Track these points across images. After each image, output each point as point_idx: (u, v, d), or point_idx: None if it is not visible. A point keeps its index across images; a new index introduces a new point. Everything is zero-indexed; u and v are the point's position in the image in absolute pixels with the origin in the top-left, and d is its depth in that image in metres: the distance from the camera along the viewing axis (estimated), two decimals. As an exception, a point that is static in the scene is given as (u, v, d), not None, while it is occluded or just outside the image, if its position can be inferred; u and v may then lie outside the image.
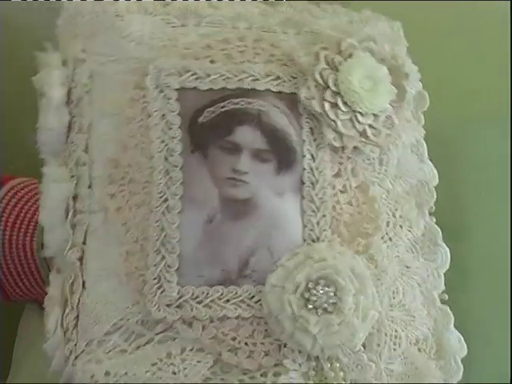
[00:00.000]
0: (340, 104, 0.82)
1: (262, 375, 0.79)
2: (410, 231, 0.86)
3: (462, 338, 0.86)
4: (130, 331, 0.80)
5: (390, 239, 0.85)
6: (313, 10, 0.90)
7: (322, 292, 0.78)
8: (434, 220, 0.88)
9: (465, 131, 0.99)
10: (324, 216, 0.82)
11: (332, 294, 0.79)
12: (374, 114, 0.84)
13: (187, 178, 0.79)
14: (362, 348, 0.81)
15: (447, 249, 0.88)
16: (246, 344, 0.79)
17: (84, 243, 0.82)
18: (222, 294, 0.79)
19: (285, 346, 0.80)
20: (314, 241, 0.81)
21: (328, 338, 0.78)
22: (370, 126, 0.84)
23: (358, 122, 0.83)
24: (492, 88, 1.05)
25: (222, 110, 0.81)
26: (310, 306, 0.78)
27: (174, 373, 0.78)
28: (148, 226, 0.79)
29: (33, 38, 0.83)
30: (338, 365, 0.80)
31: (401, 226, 0.86)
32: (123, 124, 0.82)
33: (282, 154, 0.81)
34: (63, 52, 0.85)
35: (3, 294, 1.00)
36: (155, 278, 0.79)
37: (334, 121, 0.82)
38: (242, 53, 0.84)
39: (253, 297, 0.79)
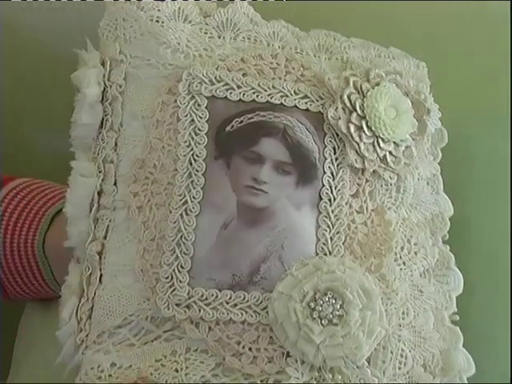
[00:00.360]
0: (364, 128, 0.85)
1: (262, 381, 0.80)
2: (425, 259, 0.88)
3: (470, 358, 0.86)
4: (139, 327, 0.82)
5: (404, 263, 0.87)
6: (342, 39, 0.93)
7: (328, 303, 0.80)
8: (448, 248, 0.90)
9: (465, 131, 0.99)
10: (338, 232, 0.84)
11: (338, 306, 0.80)
12: (394, 143, 0.87)
13: (208, 183, 0.82)
14: (366, 363, 0.82)
15: (460, 274, 0.89)
16: (249, 349, 0.81)
17: (105, 238, 0.84)
18: (230, 298, 0.81)
19: (288, 355, 0.81)
20: (326, 255, 0.83)
21: (331, 349, 0.80)
22: (391, 153, 0.87)
23: (380, 147, 0.86)
24: (492, 88, 1.04)
25: (250, 121, 0.84)
26: (315, 316, 0.80)
27: (177, 370, 0.80)
28: (166, 226, 0.81)
29: (33, 37, 0.86)
30: (340, 377, 0.81)
31: (415, 253, 0.88)
32: (152, 126, 0.84)
33: (303, 168, 0.84)
34: (103, 52, 0.88)
35: (3, 294, 1.01)
36: (167, 277, 0.81)
37: (357, 143, 0.85)
38: (274, 70, 0.87)
39: (260, 303, 0.81)
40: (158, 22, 0.88)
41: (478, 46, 0.99)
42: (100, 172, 0.85)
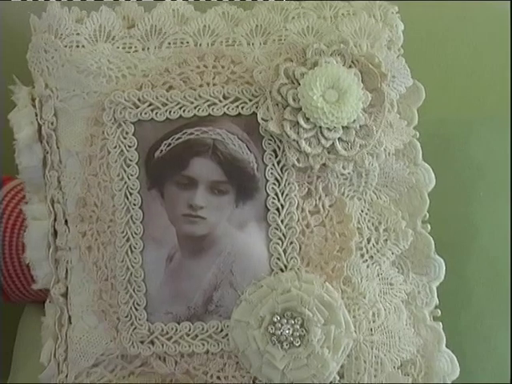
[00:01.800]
0: (301, 121, 0.77)
1: None
2: (396, 245, 0.81)
3: (454, 358, 0.82)
4: (113, 364, 0.83)
5: (372, 257, 0.81)
6: (290, 7, 0.84)
7: (287, 325, 0.77)
8: (429, 229, 0.83)
9: (465, 131, 0.94)
10: (292, 243, 0.79)
11: (298, 326, 0.77)
12: (343, 127, 0.78)
13: (146, 216, 0.79)
14: (337, 377, 0.78)
15: (441, 261, 0.83)
16: (218, 378, 0.80)
17: (66, 278, 0.84)
18: (189, 330, 0.79)
19: (257, 379, 0.79)
20: (282, 270, 0.79)
21: (296, 371, 0.77)
22: (340, 139, 0.78)
23: (325, 137, 0.78)
24: (492, 88, 1.02)
25: (177, 142, 0.79)
26: (275, 341, 0.77)
27: None
28: (115, 265, 0.80)
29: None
30: (311, 397, 0.78)
31: (385, 241, 0.81)
32: (86, 162, 0.82)
33: (240, 183, 0.78)
34: (35, 87, 0.85)
35: (3, 295, 1.02)
36: (126, 316, 0.80)
37: (295, 140, 0.78)
38: (201, 74, 0.81)
39: (220, 331, 0.79)
40: (78, 47, 0.83)
41: (478, 46, 0.96)
42: (50, 213, 0.84)
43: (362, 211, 0.81)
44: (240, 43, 0.82)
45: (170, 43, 0.83)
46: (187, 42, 0.83)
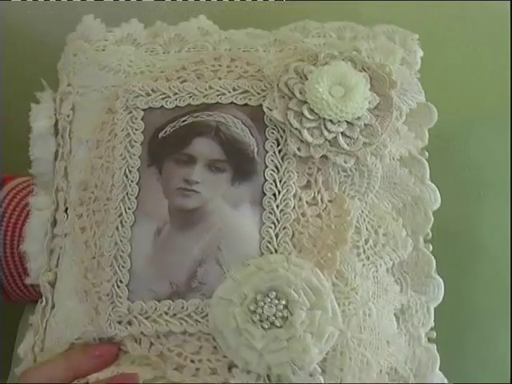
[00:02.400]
0: (306, 112, 0.78)
1: None
2: (394, 251, 0.78)
3: (446, 381, 0.77)
4: None
5: (368, 258, 0.77)
6: (310, 25, 0.87)
7: (270, 304, 0.72)
8: (431, 248, 0.80)
9: (465, 131, 0.95)
10: (284, 228, 0.76)
11: (282, 307, 0.72)
12: (347, 122, 0.78)
13: (142, 192, 0.79)
14: (319, 370, 0.72)
15: (441, 281, 0.79)
16: (191, 361, 0.75)
17: (57, 266, 0.82)
18: (169, 308, 0.75)
19: (233, 365, 0.73)
20: (271, 253, 0.76)
21: (275, 354, 0.72)
22: (343, 134, 0.78)
23: (328, 130, 0.78)
24: (492, 88, 1.01)
25: (183, 124, 0.80)
26: (256, 320, 0.72)
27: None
28: (104, 241, 0.78)
29: (33, 37, 0.88)
30: (288, 387, 0.72)
31: (383, 245, 0.78)
32: (93, 147, 0.83)
33: (239, 164, 0.78)
34: (59, 87, 0.88)
35: (4, 294, 1.00)
36: (108, 294, 0.77)
37: (297, 129, 0.78)
38: (215, 72, 0.83)
39: (201, 311, 0.75)
40: (103, 50, 0.87)
41: (478, 46, 0.98)
42: (53, 202, 0.84)
43: (363, 212, 0.79)
44: (256, 50, 0.85)
45: (189, 48, 0.86)
46: (206, 48, 0.86)
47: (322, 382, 0.72)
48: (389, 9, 1.02)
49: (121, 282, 0.76)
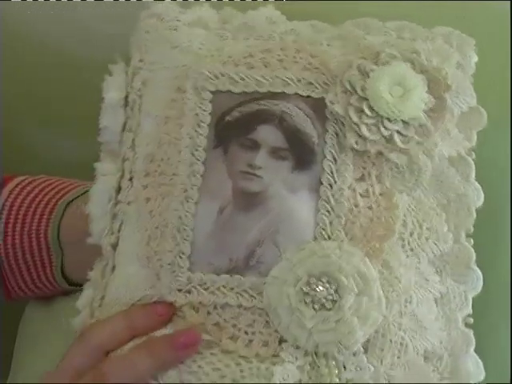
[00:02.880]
0: (365, 109, 0.83)
1: (258, 361, 0.80)
2: (436, 244, 0.84)
3: (481, 363, 0.82)
4: None
5: (412, 249, 0.83)
6: (373, 24, 0.92)
7: (322, 288, 0.79)
8: (472, 242, 0.86)
9: None
10: (338, 217, 0.82)
11: (333, 291, 0.79)
12: (403, 121, 0.84)
13: (207, 171, 0.84)
14: (362, 350, 0.79)
15: (480, 273, 0.85)
16: (245, 333, 0.81)
17: (119, 231, 0.88)
18: (227, 282, 0.81)
19: (284, 340, 0.80)
20: (325, 239, 0.82)
21: (323, 334, 0.78)
22: (399, 132, 0.84)
23: (385, 127, 0.83)
24: (492, 89, 1.00)
25: (249, 110, 0.85)
26: (308, 301, 0.78)
27: None
28: (168, 214, 0.84)
29: (32, 37, 0.90)
30: (333, 363, 0.79)
31: (426, 239, 0.84)
32: (162, 123, 0.88)
33: (300, 153, 0.83)
34: (131, 62, 0.93)
35: (5, 293, 1.04)
36: (170, 264, 0.83)
37: (356, 124, 0.83)
38: (281, 61, 0.88)
39: (257, 288, 0.81)
40: (175, 30, 0.92)
41: (478, 46, 0.92)
42: (119, 170, 0.89)
43: (409, 206, 0.85)
44: (321, 43, 0.90)
45: (258, 36, 0.91)
46: (273, 37, 0.91)
47: (365, 360, 0.79)
48: (389, 9, 1.03)
49: (183, 253, 0.82)
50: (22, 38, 0.93)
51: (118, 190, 0.90)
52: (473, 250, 0.85)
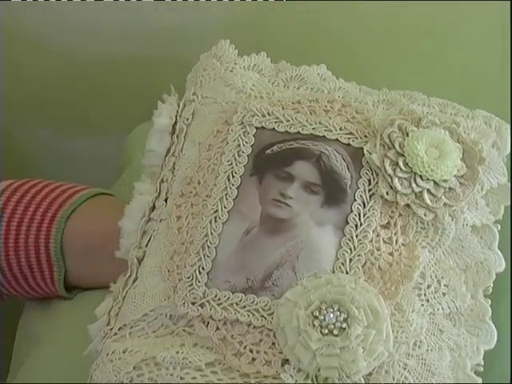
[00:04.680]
0: (401, 163, 0.87)
1: (257, 381, 0.81)
2: (453, 301, 0.85)
3: None
4: (158, 322, 0.86)
5: (428, 300, 0.85)
6: (418, 96, 0.96)
7: (332, 315, 0.80)
8: (489, 302, 0.87)
9: None
10: (359, 255, 0.84)
11: (342, 319, 0.80)
12: (434, 182, 0.87)
13: (240, 195, 0.88)
14: (363, 381, 0.79)
15: (494, 329, 0.85)
16: (250, 350, 0.82)
17: (147, 246, 0.91)
18: (240, 300, 0.83)
19: (287, 362, 0.80)
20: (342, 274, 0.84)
21: (327, 358, 0.79)
22: (429, 191, 0.87)
23: (416, 183, 0.87)
24: (492, 88, 1.03)
25: (289, 146, 0.89)
26: (317, 324, 0.80)
27: (177, 352, 0.82)
28: (196, 232, 0.87)
29: (32, 37, 0.92)
30: (333, 389, 0.79)
31: (443, 294, 0.85)
32: (204, 150, 0.92)
33: (331, 190, 0.87)
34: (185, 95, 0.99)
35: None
36: (189, 277, 0.85)
37: (390, 176, 0.87)
38: (327, 112, 0.93)
39: (268, 308, 0.82)
40: (231, 71, 0.98)
41: (478, 45, 0.99)
42: (155, 191, 0.93)
43: (430, 262, 0.87)
44: (366, 103, 0.95)
45: (307, 87, 0.97)
46: (322, 90, 0.96)
47: None
48: (389, 9, 1.06)
49: (203, 268, 0.85)
50: (22, 38, 0.95)
51: (152, 208, 0.93)
52: (489, 307, 0.86)
